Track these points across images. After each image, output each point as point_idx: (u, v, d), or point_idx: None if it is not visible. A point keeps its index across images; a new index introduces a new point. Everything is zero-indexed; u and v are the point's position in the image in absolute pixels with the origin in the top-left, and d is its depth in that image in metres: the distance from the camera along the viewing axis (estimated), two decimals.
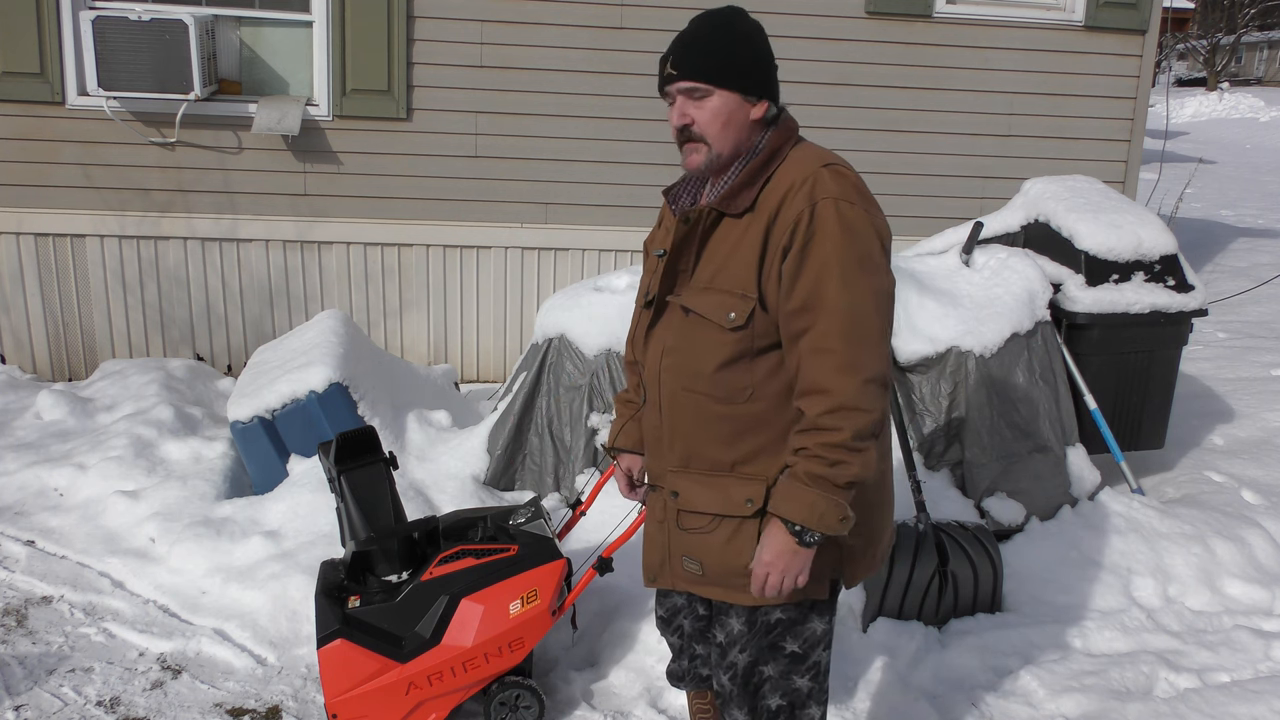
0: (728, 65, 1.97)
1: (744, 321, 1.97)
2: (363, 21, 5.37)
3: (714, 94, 1.98)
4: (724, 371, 2.01)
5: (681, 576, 2.20)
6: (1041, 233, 4.47)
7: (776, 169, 2.00)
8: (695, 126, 2.00)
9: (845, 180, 1.95)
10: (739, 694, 2.23)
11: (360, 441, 2.97)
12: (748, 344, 1.99)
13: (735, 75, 1.98)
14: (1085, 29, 5.90)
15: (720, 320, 1.99)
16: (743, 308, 1.97)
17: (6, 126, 5.30)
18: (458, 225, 5.71)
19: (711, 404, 2.04)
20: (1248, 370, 5.89)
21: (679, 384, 2.08)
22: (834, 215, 1.90)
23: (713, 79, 1.97)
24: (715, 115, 1.99)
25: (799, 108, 5.68)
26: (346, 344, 4.45)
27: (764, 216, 1.96)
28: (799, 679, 2.20)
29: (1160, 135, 17.45)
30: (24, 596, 3.61)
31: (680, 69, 1.97)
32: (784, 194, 1.95)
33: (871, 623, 3.44)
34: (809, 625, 2.17)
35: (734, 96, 1.99)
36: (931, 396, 4.02)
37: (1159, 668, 3.27)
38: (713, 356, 2.02)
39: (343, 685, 2.79)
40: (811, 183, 1.93)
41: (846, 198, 1.92)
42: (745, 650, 2.19)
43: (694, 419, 2.08)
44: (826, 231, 1.90)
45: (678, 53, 1.98)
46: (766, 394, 2.02)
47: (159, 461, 4.35)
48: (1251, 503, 4.23)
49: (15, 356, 5.60)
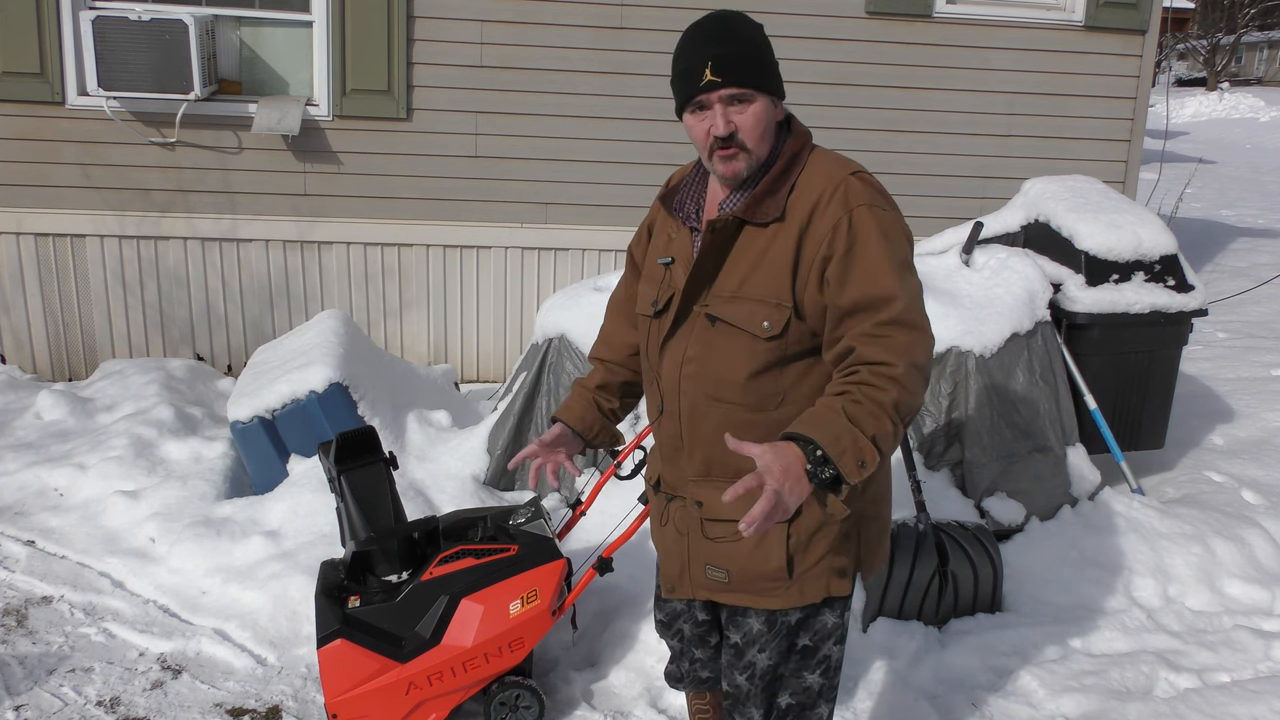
0: (766, 69, 1.98)
1: (780, 330, 1.97)
2: (363, 21, 5.37)
3: (756, 100, 1.96)
4: (756, 380, 2.01)
5: (703, 585, 2.19)
6: (1041, 233, 4.47)
7: (799, 176, 2.00)
8: (740, 134, 1.97)
9: (873, 187, 1.99)
10: (757, 694, 2.22)
11: (360, 441, 2.97)
12: (781, 352, 1.99)
13: (772, 79, 1.99)
14: (1085, 29, 5.90)
15: (755, 329, 1.98)
16: (778, 317, 1.96)
17: (6, 126, 5.30)
18: (458, 225, 5.71)
19: (741, 412, 2.04)
20: (1248, 370, 5.89)
21: (702, 392, 2.07)
22: (873, 220, 1.93)
23: (757, 84, 1.96)
24: (758, 121, 1.97)
25: (799, 108, 5.68)
26: (346, 344, 4.45)
27: (795, 225, 1.96)
28: (809, 675, 2.20)
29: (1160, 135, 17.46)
30: (24, 596, 3.61)
31: (726, 75, 1.94)
32: (814, 203, 1.95)
33: (871, 623, 3.44)
34: (820, 618, 2.17)
35: (769, 101, 1.99)
36: (931, 396, 4.02)
37: (1159, 668, 3.27)
38: (745, 365, 2.01)
39: (343, 685, 2.79)
40: (844, 191, 1.95)
41: (879, 204, 1.96)
42: (765, 650, 2.18)
43: (718, 427, 2.06)
44: (870, 236, 1.92)
45: (720, 59, 1.94)
46: (797, 398, 2.03)
47: (159, 461, 4.35)
48: (1251, 503, 4.23)
49: (15, 356, 5.60)
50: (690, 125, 2.01)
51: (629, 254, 2.38)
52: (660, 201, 2.22)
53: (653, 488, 2.31)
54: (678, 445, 2.14)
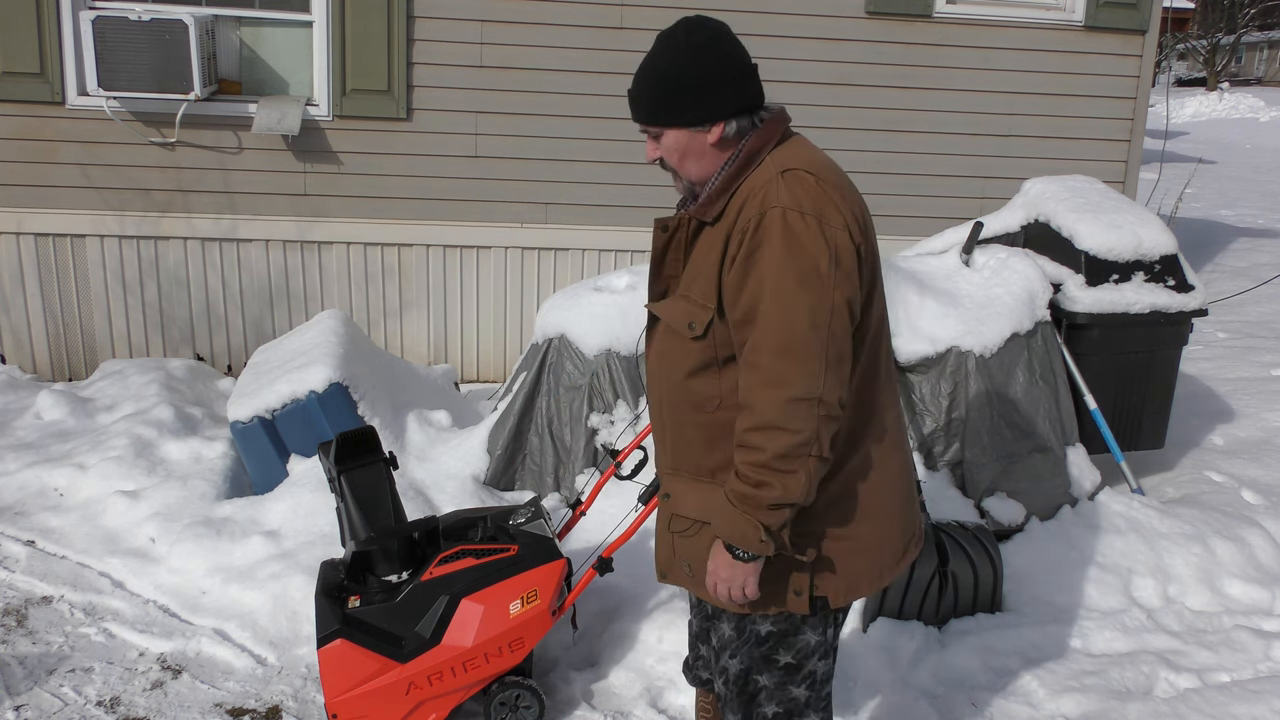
0: (663, 107, 1.99)
1: (703, 331, 1.97)
2: (363, 21, 5.37)
3: (666, 133, 2.02)
4: (692, 380, 2.03)
5: (683, 575, 2.21)
6: (1041, 233, 4.47)
7: (749, 175, 1.98)
8: (666, 160, 2.05)
9: (801, 187, 1.89)
10: (733, 700, 2.23)
11: (360, 441, 2.97)
12: (711, 354, 1.99)
13: (673, 114, 1.99)
14: (1085, 29, 5.90)
15: (682, 329, 2.01)
16: (702, 317, 1.97)
17: (6, 126, 5.30)
18: (458, 225, 5.71)
19: (686, 411, 2.07)
20: (1248, 370, 5.89)
21: (660, 391, 2.12)
22: (779, 225, 1.85)
23: (657, 120, 2.01)
24: (671, 150, 2.03)
25: (799, 108, 5.69)
26: (346, 344, 4.45)
27: (726, 225, 1.95)
28: (795, 689, 2.19)
29: (1160, 135, 17.45)
30: (24, 596, 3.61)
31: (634, 113, 2.04)
32: (743, 201, 1.94)
33: (871, 623, 3.44)
34: (801, 637, 2.14)
35: (685, 132, 2.00)
36: (931, 396, 4.02)
37: (1159, 668, 3.27)
38: (682, 365, 2.04)
39: (343, 685, 2.79)
40: (765, 191, 1.90)
41: (797, 206, 1.86)
42: (735, 656, 2.19)
43: (677, 424, 2.11)
44: (770, 242, 1.85)
45: (632, 98, 2.04)
46: (733, 404, 1.98)
47: (159, 461, 4.35)
48: (1251, 503, 4.23)
49: (15, 356, 5.60)
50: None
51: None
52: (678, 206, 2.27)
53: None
54: (660, 438, 2.19)
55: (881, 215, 2.13)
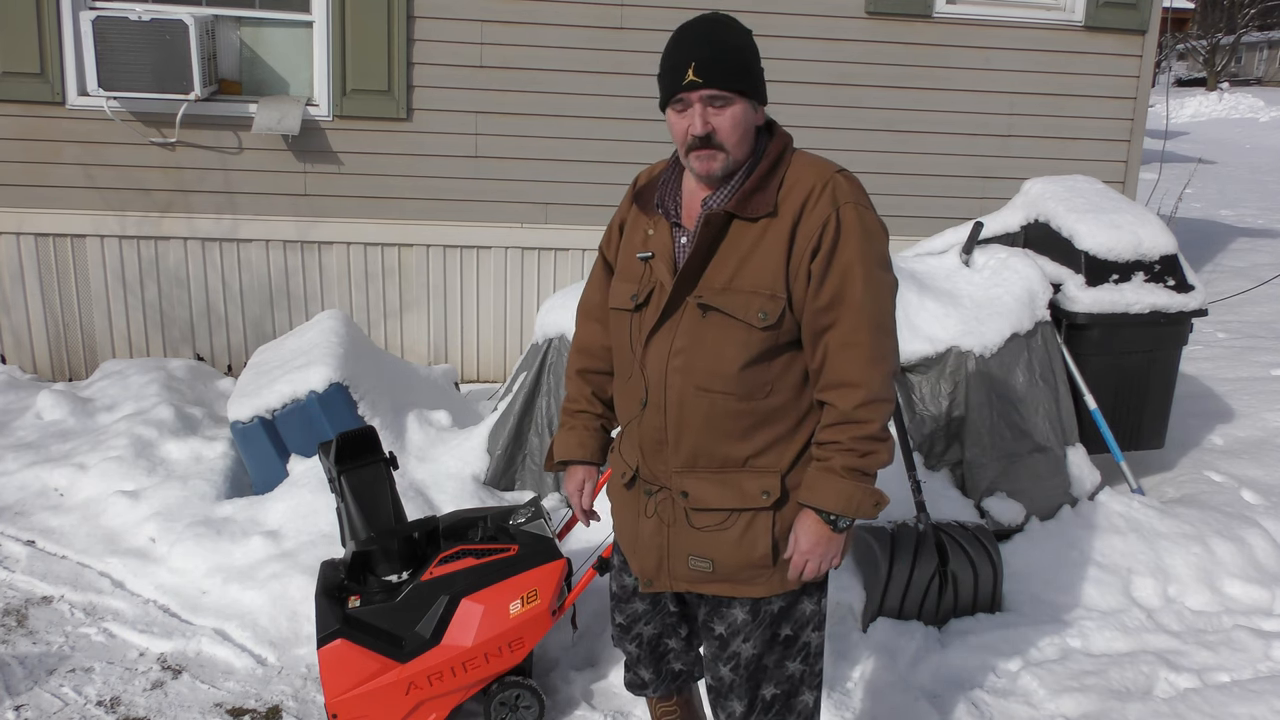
0: (747, 75, 2.03)
1: (775, 320, 2.04)
2: (363, 21, 5.37)
3: (735, 103, 2.01)
4: (748, 370, 2.07)
5: (683, 576, 2.21)
6: (1041, 233, 4.47)
7: (785, 174, 2.07)
8: (717, 135, 2.02)
9: (857, 187, 2.08)
10: (741, 684, 2.25)
11: (360, 441, 2.97)
12: (774, 341, 2.06)
13: (754, 84, 2.04)
14: (1085, 29, 5.90)
15: (751, 320, 2.04)
16: (773, 307, 2.04)
17: (6, 126, 5.30)
18: (458, 225, 5.71)
19: (730, 402, 2.09)
20: (1248, 370, 5.89)
21: (691, 383, 2.10)
22: (856, 219, 2.02)
23: (737, 87, 2.01)
24: (736, 124, 2.03)
25: (799, 108, 5.69)
26: (346, 344, 4.45)
27: (787, 220, 2.03)
28: (790, 664, 2.24)
29: (1160, 135, 17.45)
30: (24, 596, 3.61)
31: (707, 77, 1.98)
32: (804, 198, 2.04)
33: (871, 623, 3.44)
34: (799, 607, 2.22)
35: (749, 105, 2.04)
36: (931, 396, 4.02)
37: (1159, 668, 3.27)
38: (737, 355, 2.06)
39: (343, 685, 2.80)
40: (832, 189, 2.04)
41: (862, 203, 2.05)
42: (750, 640, 2.21)
43: (706, 417, 2.10)
44: (852, 233, 2.02)
45: (703, 61, 1.98)
46: (783, 388, 2.10)
47: (159, 461, 4.35)
48: (1251, 503, 4.23)
49: (15, 356, 5.60)
50: (672, 121, 2.07)
51: (600, 253, 2.40)
52: (634, 199, 2.25)
53: (626, 484, 2.31)
54: (661, 438, 2.16)
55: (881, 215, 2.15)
